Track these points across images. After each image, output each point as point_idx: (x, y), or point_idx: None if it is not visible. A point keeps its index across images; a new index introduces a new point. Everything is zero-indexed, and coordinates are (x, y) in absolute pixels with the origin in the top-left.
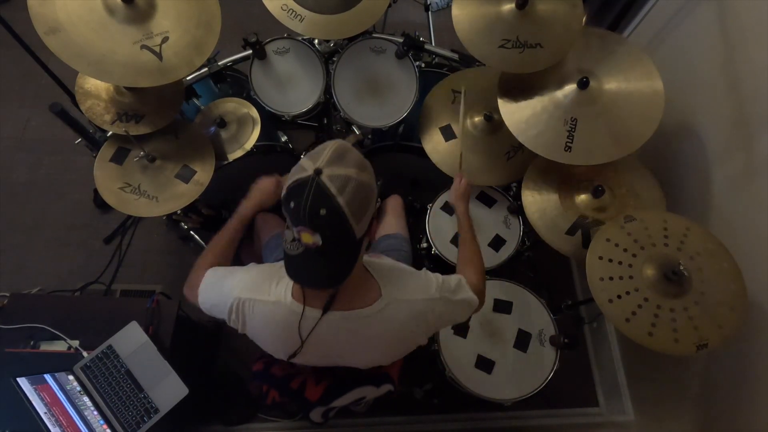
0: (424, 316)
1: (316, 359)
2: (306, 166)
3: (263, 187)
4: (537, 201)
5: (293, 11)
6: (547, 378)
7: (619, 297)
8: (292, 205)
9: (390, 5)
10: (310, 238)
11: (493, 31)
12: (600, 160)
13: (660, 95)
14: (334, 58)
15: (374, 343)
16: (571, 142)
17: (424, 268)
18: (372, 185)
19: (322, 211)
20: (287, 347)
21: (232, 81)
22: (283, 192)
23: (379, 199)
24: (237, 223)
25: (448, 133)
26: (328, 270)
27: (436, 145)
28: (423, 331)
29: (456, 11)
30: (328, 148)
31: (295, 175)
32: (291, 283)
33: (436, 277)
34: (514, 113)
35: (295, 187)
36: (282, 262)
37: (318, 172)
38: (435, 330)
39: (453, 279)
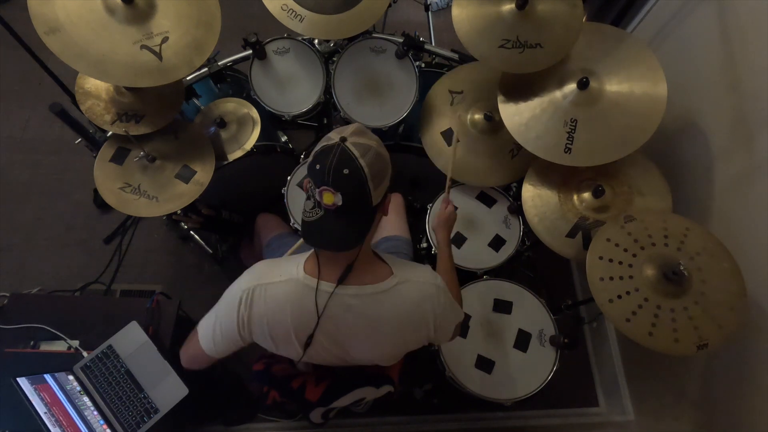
0: (431, 298)
1: (325, 350)
2: (332, 136)
3: None
4: (537, 205)
5: (293, 11)
6: (547, 378)
7: (619, 297)
8: (317, 167)
9: (390, 5)
10: (331, 198)
11: (493, 31)
12: (600, 161)
13: (662, 93)
14: (334, 58)
15: (383, 327)
16: (571, 144)
17: (427, 265)
18: (388, 160)
19: (345, 171)
20: (301, 329)
21: (232, 81)
22: (309, 159)
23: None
24: None
25: (449, 137)
26: (345, 231)
27: (437, 147)
28: (431, 319)
29: (456, 11)
30: (352, 125)
31: (321, 143)
32: (301, 262)
33: (437, 273)
34: (515, 116)
35: (322, 151)
36: (286, 255)
37: (343, 139)
38: (440, 320)
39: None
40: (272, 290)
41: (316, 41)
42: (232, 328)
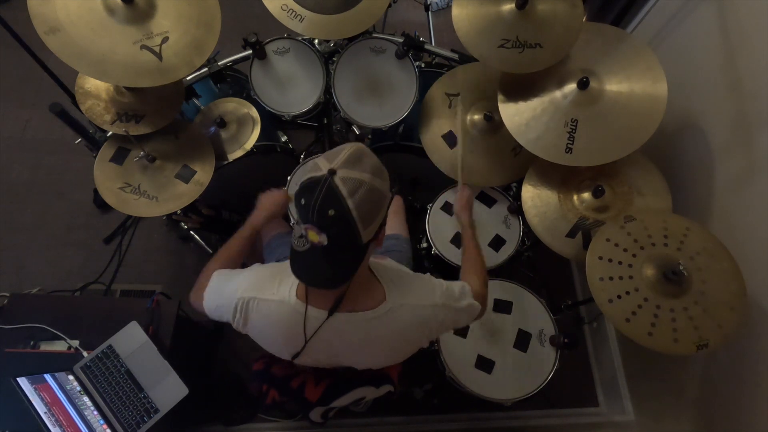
0: (426, 322)
1: (318, 359)
2: (321, 165)
3: (275, 199)
4: (537, 204)
5: (293, 11)
6: (547, 378)
7: (619, 297)
8: (302, 201)
9: (390, 5)
10: (316, 237)
11: (492, 31)
12: (601, 160)
13: (663, 91)
14: (334, 58)
15: (377, 345)
16: (572, 144)
17: (428, 273)
18: (384, 192)
19: (331, 212)
20: (290, 347)
21: (232, 81)
22: (296, 189)
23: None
24: (248, 231)
25: (450, 140)
26: (330, 271)
27: (439, 151)
28: (425, 336)
29: (456, 11)
30: (346, 149)
31: (309, 172)
32: (295, 282)
33: (440, 283)
34: (515, 116)
35: (308, 185)
36: (285, 262)
37: (332, 172)
38: (437, 335)
39: (456, 285)
40: (264, 307)
41: (316, 41)
42: (230, 321)
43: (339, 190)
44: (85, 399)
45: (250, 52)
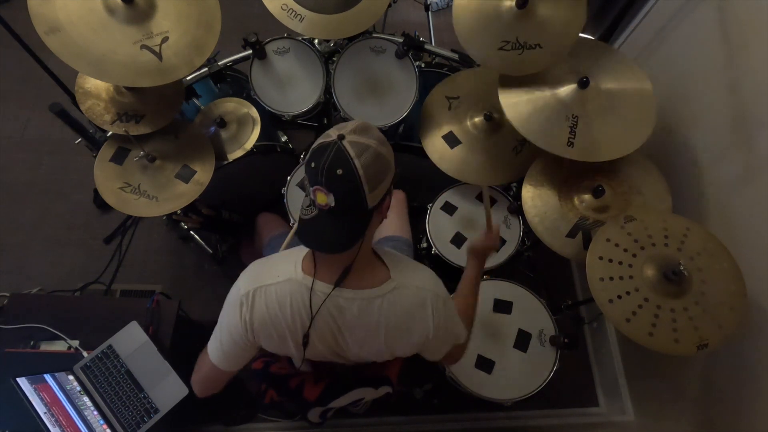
0: (427, 307)
1: (320, 345)
2: (331, 133)
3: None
4: (537, 205)
5: (293, 11)
6: (547, 378)
7: (619, 297)
8: (312, 165)
9: (390, 5)
10: (324, 198)
11: (493, 32)
12: (602, 157)
13: (650, 97)
14: (334, 58)
15: (376, 330)
16: (574, 138)
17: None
18: (389, 161)
19: (339, 171)
20: (296, 330)
21: (232, 81)
22: (307, 155)
23: (392, 186)
24: None
25: (451, 140)
26: (337, 233)
27: (440, 151)
28: (424, 326)
29: (457, 10)
30: (354, 121)
31: (320, 139)
32: (298, 260)
33: (439, 280)
34: (516, 107)
35: (318, 149)
36: (282, 252)
37: (341, 137)
38: (431, 336)
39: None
40: (272, 291)
41: (316, 41)
42: (240, 332)
43: (347, 152)
44: (85, 399)
45: (250, 52)
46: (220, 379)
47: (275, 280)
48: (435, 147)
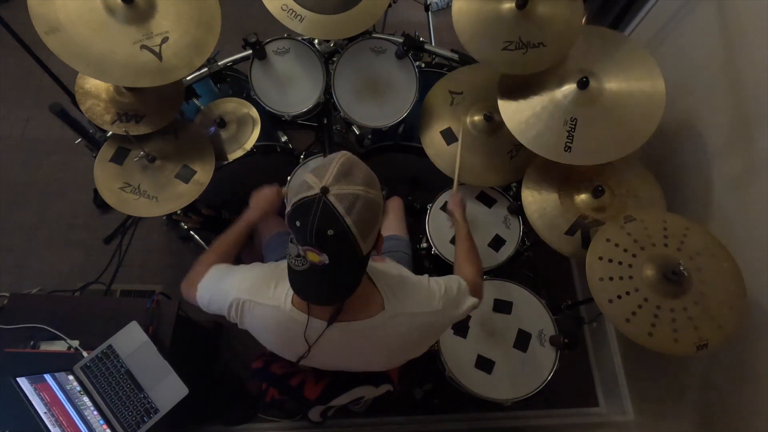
0: (425, 328)
1: (320, 363)
2: (312, 183)
3: (267, 196)
4: (537, 201)
5: (293, 11)
6: (547, 378)
7: (619, 297)
8: (298, 224)
9: (390, 5)
10: (316, 257)
11: (494, 33)
12: (600, 160)
13: (661, 93)
14: (334, 58)
15: (377, 350)
16: (571, 143)
17: (426, 275)
18: (379, 202)
19: (330, 232)
20: (289, 351)
21: (232, 81)
22: (288, 209)
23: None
24: (243, 227)
25: (448, 136)
26: (333, 287)
27: (436, 146)
28: (425, 340)
29: (456, 15)
30: (335, 162)
31: (300, 192)
32: (291, 291)
33: (438, 287)
34: (515, 114)
35: (301, 206)
36: (283, 263)
37: (324, 191)
38: (436, 338)
39: (453, 284)
40: (259, 311)
41: (316, 41)
42: (224, 315)
43: (335, 209)
44: (85, 399)
45: (250, 52)
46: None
47: (265, 301)
48: (432, 141)
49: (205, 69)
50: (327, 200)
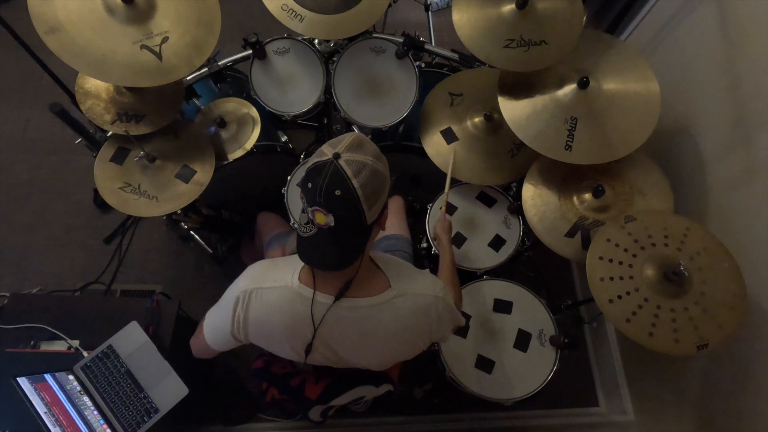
0: (427, 311)
1: (323, 354)
2: (326, 151)
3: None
4: (537, 204)
5: (293, 11)
6: (547, 378)
7: (619, 297)
8: (309, 185)
9: (390, 5)
10: (323, 219)
11: (496, 32)
12: (600, 159)
13: (656, 96)
14: (334, 58)
15: (376, 339)
16: (572, 141)
17: (427, 270)
18: (386, 176)
19: (337, 192)
20: (296, 337)
21: (232, 81)
22: (302, 174)
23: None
24: None
25: (448, 136)
26: (338, 251)
27: (436, 146)
28: (425, 329)
29: (456, 16)
30: (348, 137)
31: (314, 158)
32: (297, 269)
33: (437, 279)
34: (515, 111)
35: (314, 169)
36: (280, 258)
37: (336, 156)
38: (435, 332)
39: (447, 290)
40: (267, 295)
41: (316, 41)
42: (226, 329)
43: (344, 171)
44: (85, 399)
45: (250, 52)
46: (211, 351)
47: (272, 284)
48: (432, 140)
49: (205, 69)
50: (338, 164)
